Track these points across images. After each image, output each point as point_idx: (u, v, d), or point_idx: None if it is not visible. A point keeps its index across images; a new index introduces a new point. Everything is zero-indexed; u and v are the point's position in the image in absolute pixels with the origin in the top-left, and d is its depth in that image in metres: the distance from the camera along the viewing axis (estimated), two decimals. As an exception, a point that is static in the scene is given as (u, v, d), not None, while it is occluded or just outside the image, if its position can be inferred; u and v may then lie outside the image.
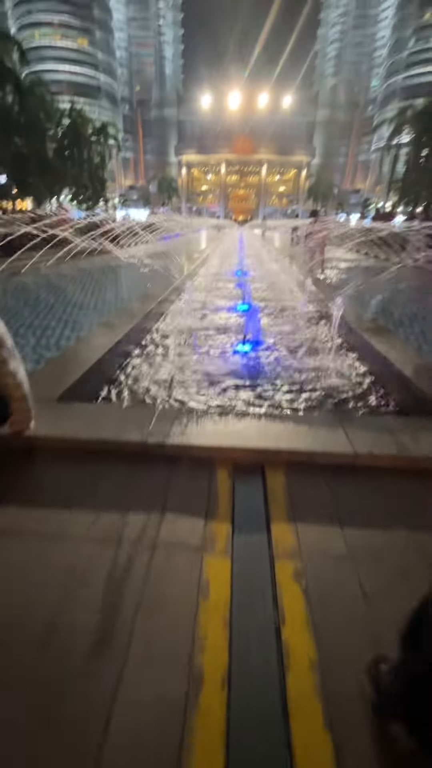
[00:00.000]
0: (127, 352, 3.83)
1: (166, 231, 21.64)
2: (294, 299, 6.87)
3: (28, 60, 38.82)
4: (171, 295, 6.25)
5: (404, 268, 10.42)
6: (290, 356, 4.11)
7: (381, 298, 6.66)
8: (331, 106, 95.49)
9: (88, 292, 6.72)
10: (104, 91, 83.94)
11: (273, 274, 9.98)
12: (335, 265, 11.55)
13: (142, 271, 9.53)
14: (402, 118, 38.34)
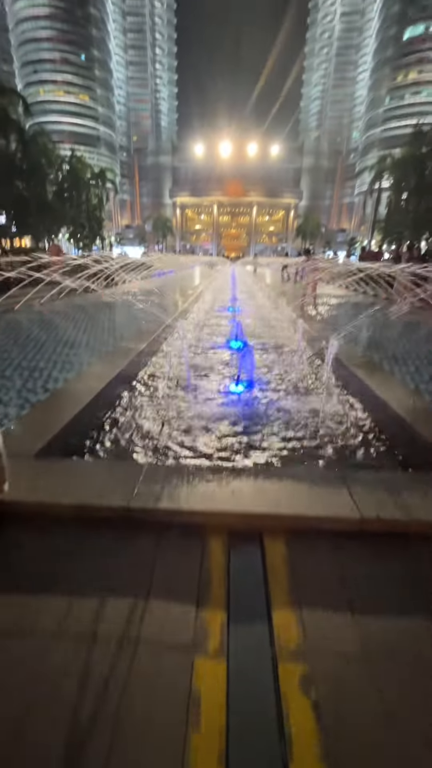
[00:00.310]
0: (116, 396, 3.65)
1: (160, 268, 22.22)
2: (287, 336, 6.86)
3: (32, 113, 41.32)
4: (164, 333, 6.20)
5: (392, 304, 10.64)
6: (285, 397, 3.98)
7: (373, 334, 6.69)
8: (316, 155, 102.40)
9: (80, 330, 6.65)
10: (104, 140, 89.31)
11: (265, 311, 10.10)
12: (326, 301, 11.77)
13: (136, 307, 9.58)
14: (382, 166, 41.02)
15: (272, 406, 3.75)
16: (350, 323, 8.06)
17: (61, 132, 79.83)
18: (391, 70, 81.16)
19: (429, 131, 35.91)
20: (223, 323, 8.25)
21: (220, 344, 6.26)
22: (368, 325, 7.80)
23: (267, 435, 3.08)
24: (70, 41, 79.71)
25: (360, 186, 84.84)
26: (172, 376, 4.55)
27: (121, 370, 4.10)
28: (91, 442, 2.86)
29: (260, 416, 3.49)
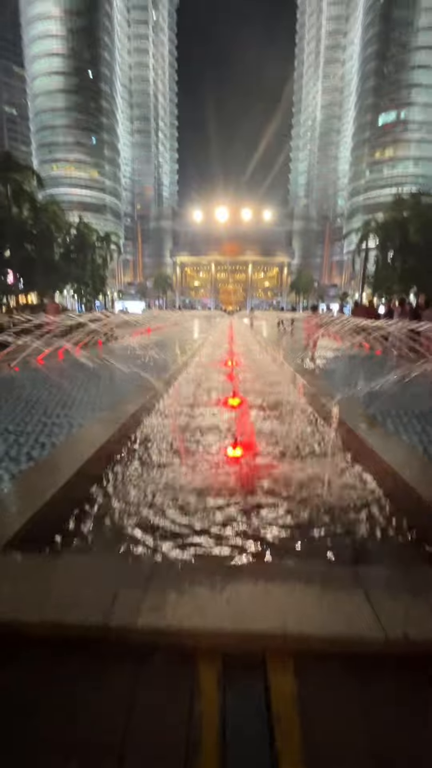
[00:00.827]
0: (102, 468, 3.37)
1: (161, 321, 22.84)
2: (286, 392, 6.72)
3: (44, 185, 45.15)
4: (161, 389, 6.05)
5: (389, 357, 10.69)
6: (286, 465, 3.71)
7: (373, 389, 6.54)
8: (305, 219, 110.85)
9: (76, 387, 6.51)
10: (110, 208, 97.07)
11: (263, 365, 10.09)
12: (322, 354, 11.85)
13: (135, 362, 9.57)
14: (367, 229, 44.14)
15: (271, 475, 3.47)
16: (351, 377, 7.97)
17: (71, 201, 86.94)
18: (369, 149, 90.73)
19: (408, 198, 39.18)
20: (221, 378, 8.17)
21: (216, 402, 6.09)
22: (369, 379, 7.71)
23: (266, 516, 2.77)
24: (83, 127, 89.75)
25: (348, 246, 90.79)
26: (164, 440, 4.30)
27: (113, 433, 3.87)
28: (70, 527, 2.53)
29: (258, 491, 3.19)
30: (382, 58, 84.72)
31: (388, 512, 2.77)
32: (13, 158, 35.09)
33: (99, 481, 3.14)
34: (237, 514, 2.78)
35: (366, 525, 2.63)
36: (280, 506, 2.89)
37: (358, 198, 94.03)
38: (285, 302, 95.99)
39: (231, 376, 8.33)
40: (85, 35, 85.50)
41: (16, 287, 39.05)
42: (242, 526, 2.62)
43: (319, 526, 2.63)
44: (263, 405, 5.91)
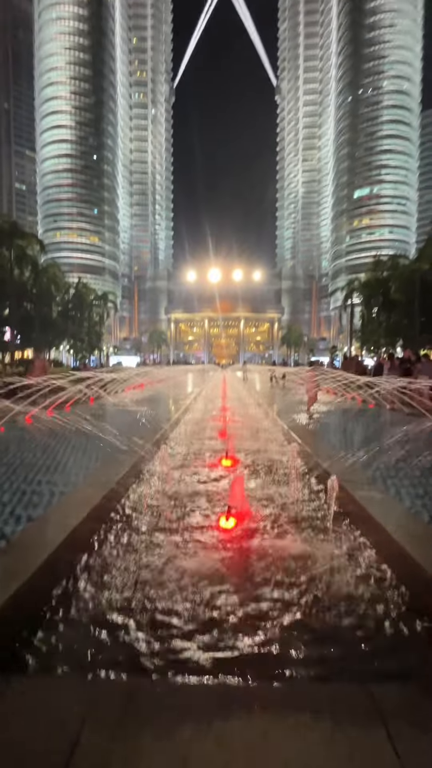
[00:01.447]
0: (79, 551, 3.00)
1: (154, 377, 22.94)
2: (280, 451, 6.47)
3: (46, 250, 47.95)
4: (151, 449, 5.77)
5: (382, 410, 10.63)
6: (283, 540, 3.38)
7: (371, 448, 6.33)
8: (293, 279, 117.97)
9: (63, 446, 6.21)
10: (108, 270, 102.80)
11: (257, 421, 9.93)
12: (316, 408, 11.77)
13: (125, 419, 9.34)
14: (351, 287, 46.84)
15: (268, 555, 3.13)
16: (346, 434, 7.79)
17: (72, 264, 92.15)
18: (347, 218, 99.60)
19: (387, 260, 42.10)
20: (214, 435, 7.94)
21: (208, 465, 5.81)
22: (365, 435, 7.53)
23: (261, 612, 2.39)
24: (86, 201, 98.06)
25: (334, 302, 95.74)
26: (149, 515, 3.96)
27: (97, 503, 3.55)
28: (29, 637, 2.12)
29: (253, 576, 2.83)
30: (353, 145, 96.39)
31: (401, 603, 2.44)
32: (18, 227, 37.60)
33: (68, 572, 2.74)
34: (227, 611, 2.41)
35: (375, 620, 2.29)
36: (277, 597, 2.53)
37: (341, 260, 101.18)
38: (277, 355, 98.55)
39: (224, 434, 8.11)
40: (92, 126, 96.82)
41: (13, 343, 39.69)
42: (231, 628, 2.23)
43: (323, 623, 2.28)
44: (257, 466, 5.64)
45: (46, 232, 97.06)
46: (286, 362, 75.38)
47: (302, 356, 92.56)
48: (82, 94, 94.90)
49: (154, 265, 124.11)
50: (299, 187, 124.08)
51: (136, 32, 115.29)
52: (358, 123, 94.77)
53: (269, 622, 2.26)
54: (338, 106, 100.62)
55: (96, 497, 3.69)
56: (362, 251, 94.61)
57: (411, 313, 33.60)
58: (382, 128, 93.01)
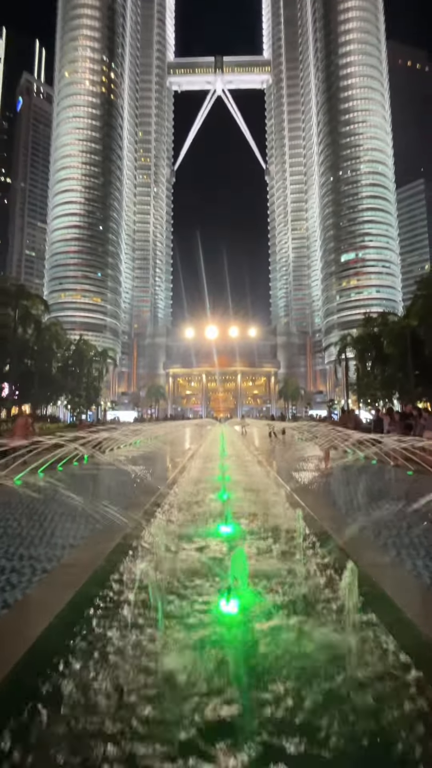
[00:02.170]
0: (64, 639, 2.63)
1: (151, 434, 22.58)
2: (283, 515, 6.08)
3: (50, 310, 49.95)
4: (144, 516, 5.40)
5: (386, 467, 10.29)
6: (290, 633, 2.98)
7: (381, 514, 5.97)
8: (287, 334, 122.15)
9: (52, 511, 5.81)
10: (109, 327, 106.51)
11: (257, 480, 9.53)
12: (318, 465, 11.39)
13: (117, 480, 8.93)
14: (344, 342, 48.31)
15: (276, 650, 2.74)
16: (351, 494, 7.42)
17: (74, 322, 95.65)
18: (336, 279, 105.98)
19: (377, 317, 43.95)
20: (211, 496, 7.53)
21: (206, 532, 5.41)
22: (371, 496, 7.17)
23: (272, 720, 2.01)
24: (90, 265, 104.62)
25: (329, 356, 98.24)
26: (139, 598, 3.56)
27: (84, 583, 3.19)
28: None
29: (264, 676, 2.45)
30: (337, 216, 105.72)
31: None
32: (24, 289, 39.59)
33: (43, 680, 2.27)
34: (236, 723, 2.02)
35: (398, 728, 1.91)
36: (289, 698, 2.15)
37: (333, 317, 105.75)
38: (274, 409, 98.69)
39: (223, 497, 7.72)
40: (99, 202, 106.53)
41: (11, 399, 39.66)
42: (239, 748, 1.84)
43: (343, 735, 1.89)
44: (259, 536, 5.24)
45: (52, 293, 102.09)
46: (284, 415, 75.20)
47: (300, 409, 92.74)
48: (91, 175, 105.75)
49: (154, 323, 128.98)
50: (290, 252, 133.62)
51: (141, 127, 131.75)
52: (341, 198, 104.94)
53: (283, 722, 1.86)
54: (321, 185, 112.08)
55: (81, 579, 3.33)
56: (352, 309, 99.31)
57: (405, 366, 34.29)
58: (363, 202, 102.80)
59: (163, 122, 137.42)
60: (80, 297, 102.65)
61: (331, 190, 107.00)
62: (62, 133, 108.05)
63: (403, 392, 38.17)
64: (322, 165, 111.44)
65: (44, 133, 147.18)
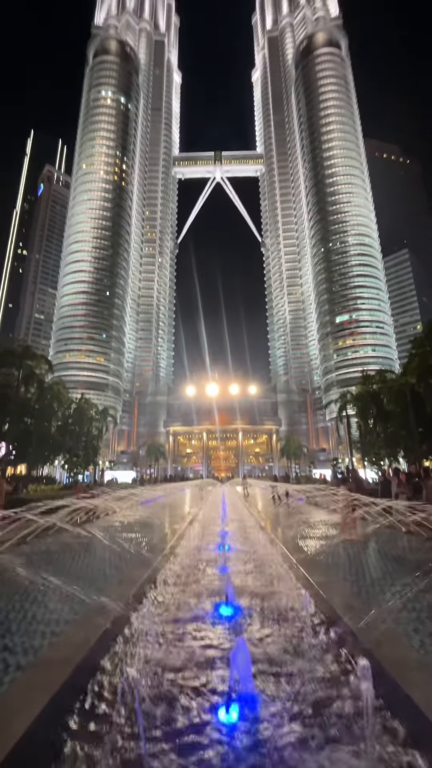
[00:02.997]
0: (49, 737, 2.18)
1: (150, 496, 21.63)
2: (292, 595, 5.51)
3: (53, 370, 50.92)
4: (134, 597, 4.88)
5: (397, 534, 9.63)
6: (303, 751, 2.50)
7: (398, 591, 5.41)
8: (287, 392, 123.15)
9: (32, 589, 5.25)
10: (111, 386, 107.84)
11: (260, 550, 8.85)
12: (324, 533, 10.67)
13: (112, 550, 8.29)
14: (344, 400, 48.39)
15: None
16: (364, 568, 6.82)
17: (77, 381, 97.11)
18: (332, 339, 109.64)
19: (375, 374, 44.55)
20: (211, 572, 6.92)
21: (206, 612, 4.86)
22: (386, 570, 6.57)
23: None
24: (96, 327, 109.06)
25: (330, 414, 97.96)
26: (136, 686, 3.07)
27: (69, 675, 2.75)
28: None
29: None
30: (330, 282, 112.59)
31: None
32: (30, 349, 40.72)
33: None
34: None
35: None
36: None
37: (331, 375, 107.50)
38: (277, 468, 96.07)
39: (223, 572, 7.10)
40: (107, 270, 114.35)
41: (7, 459, 38.74)
42: None
43: None
44: (264, 621, 4.69)
45: (57, 354, 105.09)
46: (288, 475, 72.82)
47: (303, 468, 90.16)
48: (101, 248, 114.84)
49: (155, 381, 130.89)
50: (287, 314, 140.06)
51: (148, 207, 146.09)
52: (332, 266, 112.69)
53: None
54: (313, 255, 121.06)
55: (57, 680, 2.89)
56: (350, 367, 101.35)
57: (407, 424, 33.92)
58: (353, 270, 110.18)
59: (168, 203, 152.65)
60: (84, 357, 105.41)
61: (322, 259, 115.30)
62: (77, 212, 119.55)
63: (407, 450, 37.30)
64: (313, 238, 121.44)
65: (60, 213, 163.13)
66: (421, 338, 35.28)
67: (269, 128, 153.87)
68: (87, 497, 13.43)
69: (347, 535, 9.34)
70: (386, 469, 34.26)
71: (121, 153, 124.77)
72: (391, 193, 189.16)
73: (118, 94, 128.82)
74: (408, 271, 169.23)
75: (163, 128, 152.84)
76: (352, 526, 9.42)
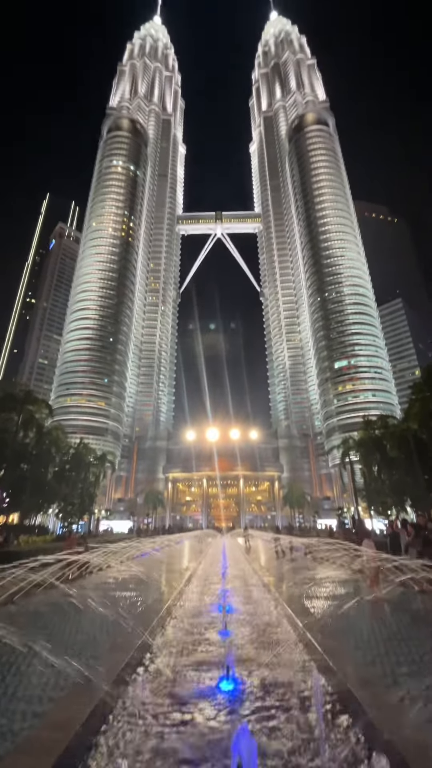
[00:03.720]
0: None
1: (146, 549, 20.54)
2: (298, 668, 5.03)
3: (54, 414, 50.71)
4: (131, 665, 4.44)
5: (411, 594, 8.98)
6: None
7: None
8: (289, 437, 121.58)
9: (16, 659, 4.79)
10: (111, 431, 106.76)
11: (263, 612, 8.22)
12: (332, 591, 9.98)
13: (104, 611, 7.69)
14: (347, 446, 47.66)
15: None
16: (387, 638, 6.28)
17: (77, 426, 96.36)
18: (332, 384, 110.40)
19: (377, 420, 44.26)
20: (210, 638, 6.38)
21: (204, 687, 4.41)
22: (413, 640, 6.05)
23: None
24: (98, 372, 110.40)
25: (333, 460, 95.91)
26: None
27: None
28: None
29: None
30: (327, 329, 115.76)
31: None
32: (31, 394, 40.89)
33: None
34: None
35: None
36: None
37: (332, 420, 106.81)
38: (280, 518, 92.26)
39: (224, 634, 6.55)
40: (111, 318, 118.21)
41: (0, 506, 37.40)
42: None
43: None
44: (269, 702, 4.23)
45: (58, 398, 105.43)
46: (292, 525, 69.60)
47: (307, 517, 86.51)
48: (106, 297, 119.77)
49: (155, 426, 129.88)
50: (286, 360, 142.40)
51: (153, 260, 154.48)
52: (329, 314, 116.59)
53: None
54: (310, 304, 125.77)
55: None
56: (351, 412, 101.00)
57: (413, 471, 33.11)
58: (349, 318, 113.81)
59: (171, 256, 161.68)
60: (85, 401, 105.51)
61: (319, 308, 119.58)
62: (85, 264, 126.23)
63: (415, 499, 36.04)
64: (309, 288, 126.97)
65: (69, 265, 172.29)
66: (420, 383, 35.54)
67: (266, 191, 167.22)
68: (80, 551, 12.75)
69: (375, 592, 8.72)
70: (394, 520, 32.89)
71: (128, 213, 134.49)
72: (382, 249, 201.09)
73: (128, 162, 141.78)
74: (402, 319, 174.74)
75: (168, 192, 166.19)
76: (376, 581, 8.83)
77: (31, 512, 41.04)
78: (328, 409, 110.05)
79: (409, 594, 9.03)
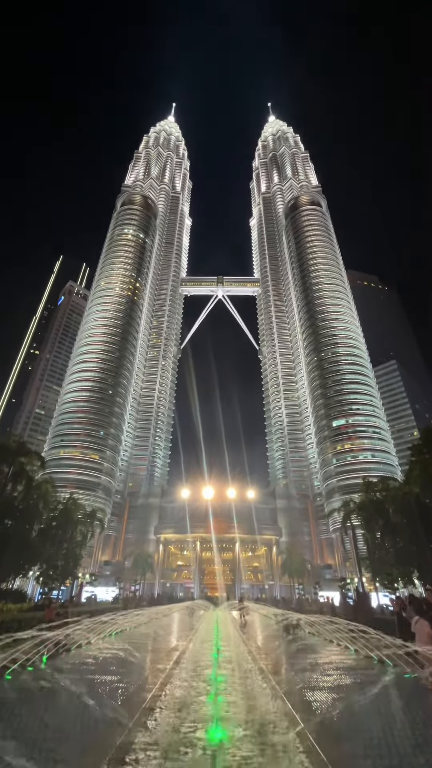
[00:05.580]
0: None
1: (131, 623, 18.74)
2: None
3: (46, 466, 49.20)
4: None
5: (424, 690, 8.04)
6: None
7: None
8: (287, 498, 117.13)
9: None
10: (103, 486, 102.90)
11: (261, 708, 7.27)
12: (338, 681, 8.92)
13: (79, 700, 6.78)
14: (348, 510, 45.75)
15: None
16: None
17: (68, 479, 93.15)
18: (330, 443, 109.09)
19: (377, 482, 43.03)
20: (198, 739, 5.56)
21: None
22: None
23: None
24: (94, 424, 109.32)
25: (333, 523, 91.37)
26: None
27: None
28: None
29: None
30: (324, 388, 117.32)
31: None
32: (24, 445, 40.04)
33: None
34: None
35: None
36: None
37: (332, 480, 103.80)
38: (278, 586, 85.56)
39: (214, 735, 5.74)
40: (111, 371, 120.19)
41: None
42: None
43: None
44: None
45: (52, 450, 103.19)
46: (291, 598, 64.07)
47: (308, 588, 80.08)
48: (109, 351, 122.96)
49: (149, 482, 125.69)
50: (284, 417, 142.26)
51: (156, 318, 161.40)
52: (326, 374, 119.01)
53: None
54: (307, 363, 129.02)
55: None
56: (350, 472, 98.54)
57: (417, 538, 31.42)
58: (346, 377, 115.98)
59: (174, 315, 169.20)
60: (79, 454, 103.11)
61: (316, 367, 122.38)
62: (90, 319, 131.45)
63: (422, 570, 33.71)
64: (306, 348, 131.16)
65: (76, 320, 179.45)
66: (419, 445, 35.15)
67: (264, 260, 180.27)
68: (58, 625, 11.59)
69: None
70: (400, 595, 30.50)
71: (135, 274, 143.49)
72: (374, 314, 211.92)
73: (139, 231, 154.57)
74: (398, 380, 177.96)
75: (174, 257, 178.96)
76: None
77: (10, 574, 37.92)
78: (327, 469, 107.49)
79: (422, 689, 8.10)
